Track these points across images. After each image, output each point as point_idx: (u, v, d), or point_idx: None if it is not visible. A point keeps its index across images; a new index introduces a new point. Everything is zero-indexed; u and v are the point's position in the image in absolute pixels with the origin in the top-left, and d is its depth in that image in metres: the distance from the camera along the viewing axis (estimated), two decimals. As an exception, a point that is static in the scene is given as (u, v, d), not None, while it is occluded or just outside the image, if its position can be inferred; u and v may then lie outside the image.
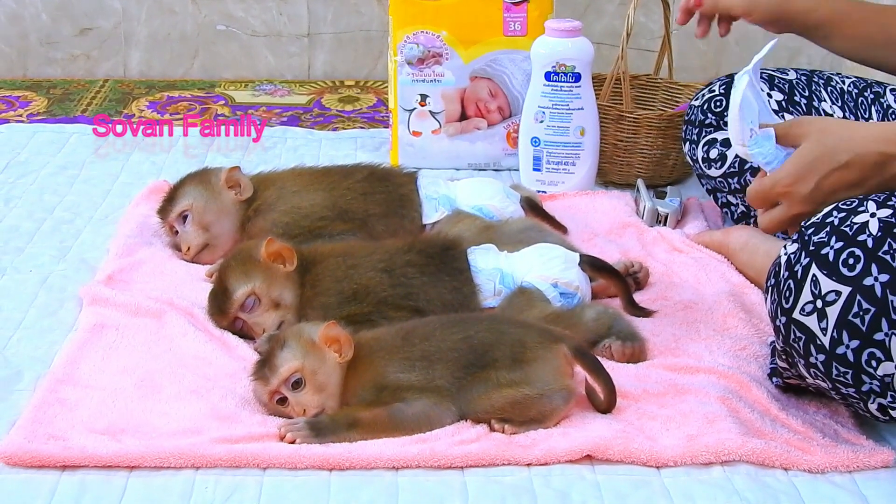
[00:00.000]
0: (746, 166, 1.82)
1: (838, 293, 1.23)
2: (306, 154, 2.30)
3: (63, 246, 1.87)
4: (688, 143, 1.93)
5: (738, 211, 1.89)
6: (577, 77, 2.04)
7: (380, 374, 1.39)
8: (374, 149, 2.35)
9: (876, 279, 1.21)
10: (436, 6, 2.19)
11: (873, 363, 1.23)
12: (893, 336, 1.21)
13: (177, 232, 1.82)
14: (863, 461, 1.33)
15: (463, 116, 2.25)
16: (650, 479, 1.31)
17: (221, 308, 1.60)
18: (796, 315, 1.27)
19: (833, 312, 1.23)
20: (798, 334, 1.28)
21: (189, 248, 1.80)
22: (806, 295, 1.26)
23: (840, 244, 1.24)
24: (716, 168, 1.87)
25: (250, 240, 1.72)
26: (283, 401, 1.40)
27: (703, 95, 1.91)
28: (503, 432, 1.36)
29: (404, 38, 2.20)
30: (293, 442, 1.33)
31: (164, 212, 1.84)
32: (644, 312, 1.65)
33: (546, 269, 1.60)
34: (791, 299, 1.27)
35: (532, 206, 1.90)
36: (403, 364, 1.39)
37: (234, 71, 2.85)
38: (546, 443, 1.34)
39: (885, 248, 1.22)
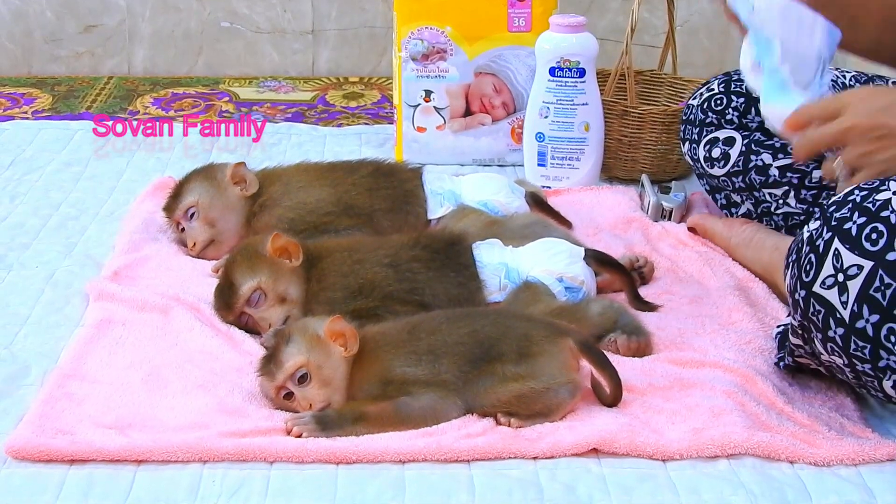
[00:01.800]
0: (750, 165, 1.80)
1: (860, 267, 1.23)
2: (311, 150, 2.30)
3: (69, 242, 1.87)
4: (687, 142, 1.91)
5: (741, 212, 1.87)
6: (582, 72, 2.04)
7: (386, 368, 1.39)
8: (378, 145, 2.35)
9: None
10: (440, 2, 2.19)
11: (892, 338, 1.23)
12: None
13: (183, 228, 1.82)
14: (868, 454, 1.33)
15: (467, 112, 2.26)
16: (656, 473, 1.31)
17: (227, 303, 1.60)
18: (816, 288, 1.27)
19: (854, 286, 1.23)
20: (817, 307, 1.28)
21: (195, 244, 1.80)
22: (827, 268, 1.26)
23: (863, 219, 1.24)
24: (718, 167, 1.85)
25: (256, 235, 1.72)
26: (289, 395, 1.40)
27: (702, 95, 1.89)
28: (509, 426, 1.36)
29: (408, 34, 2.20)
30: (300, 436, 1.33)
31: (170, 208, 1.84)
32: (649, 307, 1.65)
33: (551, 263, 1.60)
34: (812, 272, 1.27)
35: (537, 201, 1.90)
36: (409, 358, 1.39)
37: (239, 68, 2.85)
38: (552, 436, 1.34)
39: None
